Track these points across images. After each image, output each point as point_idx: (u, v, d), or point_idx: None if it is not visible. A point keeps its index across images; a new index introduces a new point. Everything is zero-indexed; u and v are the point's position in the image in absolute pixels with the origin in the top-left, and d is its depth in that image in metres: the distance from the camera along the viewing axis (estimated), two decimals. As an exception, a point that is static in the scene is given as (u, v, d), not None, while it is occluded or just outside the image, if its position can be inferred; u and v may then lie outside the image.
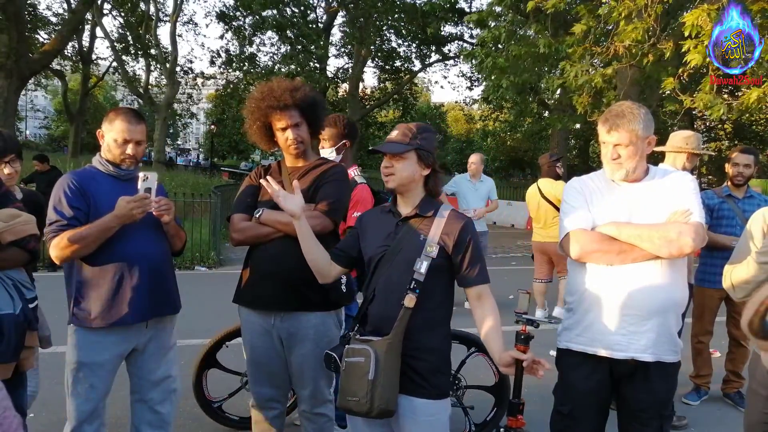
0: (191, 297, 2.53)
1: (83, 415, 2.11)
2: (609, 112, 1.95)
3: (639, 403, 1.98)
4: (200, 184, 15.53)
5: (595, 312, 1.95)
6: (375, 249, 1.83)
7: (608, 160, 1.95)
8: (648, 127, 1.91)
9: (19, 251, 2.15)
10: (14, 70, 14.25)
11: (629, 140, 1.89)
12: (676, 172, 2.06)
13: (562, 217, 2.06)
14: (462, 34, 22.16)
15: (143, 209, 2.04)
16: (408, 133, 1.81)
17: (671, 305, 1.95)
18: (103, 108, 38.25)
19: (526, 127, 20.32)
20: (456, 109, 38.90)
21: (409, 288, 1.72)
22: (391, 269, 1.77)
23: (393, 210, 1.87)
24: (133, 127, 2.14)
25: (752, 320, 1.63)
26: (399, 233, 1.81)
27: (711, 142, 23.57)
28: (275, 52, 23.29)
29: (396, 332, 1.71)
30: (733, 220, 3.57)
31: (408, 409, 1.74)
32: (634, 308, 1.90)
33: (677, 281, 1.96)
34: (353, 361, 1.73)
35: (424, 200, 1.84)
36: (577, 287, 2.01)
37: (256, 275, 2.19)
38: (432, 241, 1.76)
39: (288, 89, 2.18)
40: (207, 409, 3.08)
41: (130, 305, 2.09)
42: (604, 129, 1.94)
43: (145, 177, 2.08)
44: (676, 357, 1.98)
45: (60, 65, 26.76)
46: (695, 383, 3.76)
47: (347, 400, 1.73)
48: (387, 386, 1.69)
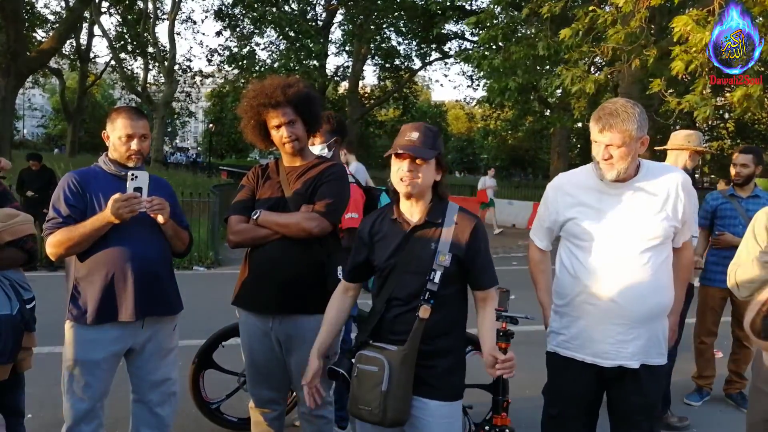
0: (190, 297, 2.52)
1: (79, 414, 2.10)
2: (602, 109, 1.86)
3: (630, 405, 1.97)
4: (199, 183, 15.50)
5: (584, 320, 1.94)
6: (385, 261, 1.78)
7: (599, 160, 1.88)
8: (642, 127, 1.83)
9: (17, 251, 2.14)
10: (12, 68, 14.22)
11: (622, 141, 1.81)
12: (669, 171, 1.98)
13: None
14: (463, 32, 22.15)
15: (131, 209, 2.01)
16: (429, 134, 1.74)
17: (660, 310, 1.94)
18: (101, 107, 38.24)
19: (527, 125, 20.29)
20: (456, 108, 38.87)
21: (423, 299, 1.69)
22: (404, 280, 1.74)
23: (398, 218, 1.79)
24: (135, 122, 2.14)
25: (754, 320, 1.62)
26: (409, 243, 1.75)
27: (713, 141, 23.58)
28: (274, 50, 23.29)
29: (411, 344, 1.69)
30: (735, 220, 3.56)
31: (422, 411, 1.72)
32: (623, 317, 1.88)
33: (665, 284, 1.94)
34: (366, 369, 1.71)
35: (435, 204, 1.78)
36: (566, 292, 1.99)
37: (254, 277, 2.17)
38: (443, 250, 1.71)
39: (280, 86, 2.13)
40: (205, 410, 3.05)
41: (122, 304, 2.08)
42: (597, 128, 1.86)
43: (133, 176, 2.05)
44: (662, 360, 1.98)
45: (58, 64, 26.74)
46: (697, 384, 3.75)
47: (359, 408, 1.71)
48: (400, 397, 1.67)
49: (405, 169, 1.70)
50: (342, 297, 1.96)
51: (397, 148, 1.72)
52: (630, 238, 1.89)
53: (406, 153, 1.70)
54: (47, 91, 42.08)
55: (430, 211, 1.77)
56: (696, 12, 6.10)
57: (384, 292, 1.78)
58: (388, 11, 20.49)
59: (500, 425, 1.97)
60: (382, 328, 1.77)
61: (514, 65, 10.93)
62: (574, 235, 1.98)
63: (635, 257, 1.88)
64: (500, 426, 1.97)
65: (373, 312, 1.82)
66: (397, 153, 1.71)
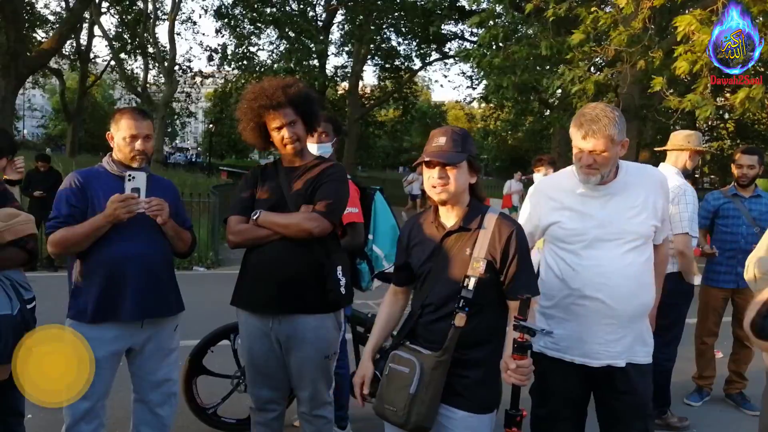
0: (189, 297, 2.52)
1: (79, 413, 2.10)
2: (582, 116, 1.86)
3: (619, 405, 1.98)
4: (199, 183, 15.50)
5: (572, 321, 1.95)
6: (421, 265, 1.76)
7: (582, 166, 1.88)
8: (622, 131, 1.85)
9: (18, 251, 2.15)
10: (12, 68, 14.20)
11: (605, 146, 1.83)
12: (647, 171, 2.03)
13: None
14: (463, 32, 22.14)
15: (128, 209, 2.02)
16: (457, 139, 1.70)
17: (644, 309, 1.97)
18: (101, 107, 38.20)
19: (527, 126, 20.30)
20: (456, 108, 38.85)
21: (457, 307, 1.67)
22: (439, 286, 1.72)
23: (435, 223, 1.77)
24: (139, 123, 2.16)
25: (754, 320, 1.61)
26: (443, 249, 1.73)
27: (713, 141, 23.56)
28: (273, 50, 23.28)
29: (446, 350, 1.66)
30: (738, 220, 3.56)
31: (449, 420, 1.71)
32: (610, 317, 1.90)
33: (648, 283, 1.97)
34: (397, 369, 1.69)
35: (472, 209, 1.74)
36: (553, 293, 1.99)
37: (254, 277, 2.17)
38: (478, 257, 1.67)
39: (280, 87, 2.13)
40: (202, 416, 3.05)
41: (120, 303, 2.09)
42: (579, 134, 1.86)
43: (131, 177, 2.06)
44: (648, 359, 1.99)
45: (58, 64, 26.71)
46: (697, 384, 3.75)
47: (384, 407, 1.70)
48: (427, 403, 1.65)
49: (435, 177, 1.67)
50: (392, 300, 1.96)
51: (425, 155, 1.68)
52: (614, 240, 1.91)
53: (434, 160, 1.66)
54: (47, 92, 42.01)
55: (465, 216, 1.73)
56: (699, 12, 6.09)
57: (419, 296, 1.77)
58: (388, 11, 20.48)
59: None
60: (417, 331, 1.76)
61: (515, 64, 10.93)
62: (558, 238, 1.99)
63: (619, 258, 1.91)
64: None
65: (411, 315, 1.81)
66: (426, 161, 1.68)
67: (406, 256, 1.84)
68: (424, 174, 1.72)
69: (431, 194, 1.71)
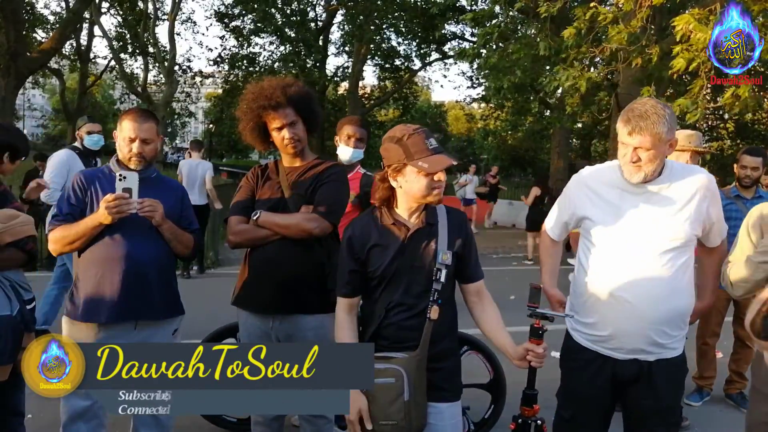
0: (190, 298, 2.51)
1: (75, 411, 2.11)
2: (631, 111, 1.78)
3: (644, 409, 1.93)
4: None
5: (600, 321, 1.90)
6: (384, 268, 1.72)
7: (626, 162, 1.81)
8: (672, 129, 1.76)
9: (18, 252, 2.15)
10: (12, 68, 14.22)
11: (652, 144, 1.73)
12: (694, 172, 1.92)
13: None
14: (463, 32, 22.15)
15: (119, 210, 2.01)
16: (434, 136, 1.73)
17: (676, 315, 1.88)
18: (101, 107, 38.18)
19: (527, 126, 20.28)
20: (456, 108, 38.86)
21: (432, 300, 1.68)
22: (409, 283, 1.72)
23: (395, 224, 1.74)
24: (139, 125, 2.15)
25: (754, 320, 1.61)
26: (409, 247, 1.72)
27: (713, 141, 23.55)
28: (273, 50, 23.28)
29: (423, 347, 1.67)
30: (740, 221, 3.55)
31: (436, 416, 1.72)
32: (639, 318, 1.84)
33: (683, 288, 1.88)
34: (381, 382, 1.63)
35: (429, 207, 1.76)
36: (582, 290, 1.97)
37: (254, 277, 2.17)
38: (443, 248, 1.71)
39: (280, 87, 2.12)
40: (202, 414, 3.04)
41: (106, 304, 2.09)
42: (625, 130, 1.78)
43: (122, 177, 2.05)
44: (677, 352, 1.92)
45: (58, 64, 26.69)
46: (698, 384, 3.75)
47: (381, 425, 1.65)
48: (420, 403, 1.67)
49: (442, 179, 1.68)
50: (348, 319, 1.78)
51: (434, 165, 1.63)
52: (649, 239, 1.84)
53: (444, 166, 1.65)
54: (47, 92, 42.04)
55: (428, 213, 1.75)
56: (697, 11, 6.08)
57: (383, 299, 1.73)
58: (388, 11, 20.48)
59: (530, 416, 1.87)
60: (380, 336, 1.73)
61: (513, 64, 10.91)
62: (591, 233, 1.95)
63: (654, 258, 1.83)
64: (529, 416, 1.87)
65: (368, 323, 1.76)
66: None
67: (360, 263, 1.74)
68: (420, 180, 1.65)
69: (428, 198, 1.69)
